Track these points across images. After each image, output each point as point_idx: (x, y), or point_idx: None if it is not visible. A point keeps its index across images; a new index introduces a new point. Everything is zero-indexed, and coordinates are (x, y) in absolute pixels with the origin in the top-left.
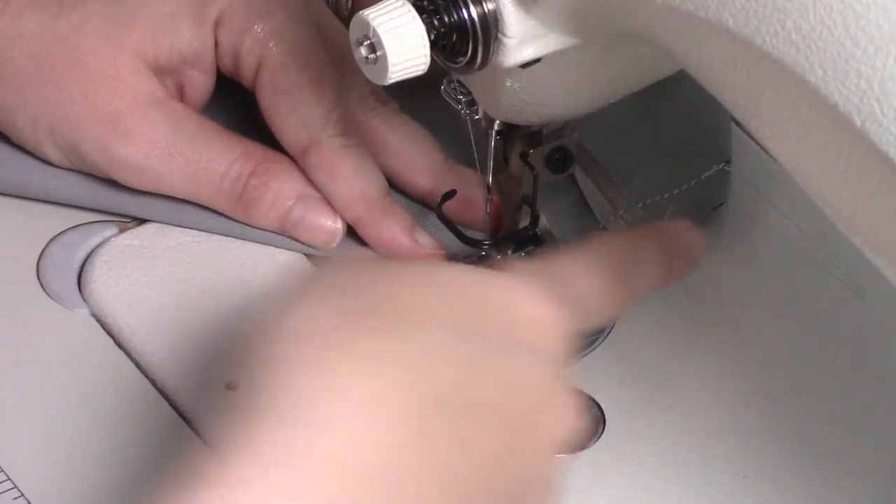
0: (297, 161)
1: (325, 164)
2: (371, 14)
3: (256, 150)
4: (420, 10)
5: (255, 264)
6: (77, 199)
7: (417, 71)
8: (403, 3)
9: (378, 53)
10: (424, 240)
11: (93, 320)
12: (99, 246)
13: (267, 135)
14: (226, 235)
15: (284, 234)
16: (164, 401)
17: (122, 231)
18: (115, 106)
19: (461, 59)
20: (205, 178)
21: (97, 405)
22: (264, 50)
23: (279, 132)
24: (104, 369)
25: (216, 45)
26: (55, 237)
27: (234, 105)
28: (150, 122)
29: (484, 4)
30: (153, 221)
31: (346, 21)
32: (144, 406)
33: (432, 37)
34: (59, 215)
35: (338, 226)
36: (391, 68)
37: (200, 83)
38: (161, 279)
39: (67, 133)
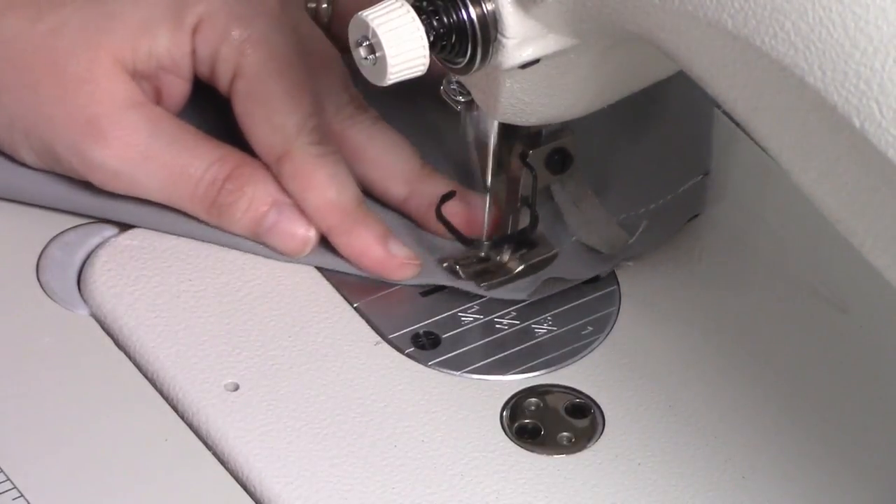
0: (271, 169)
1: (298, 173)
2: (370, 15)
3: (233, 155)
4: (419, 10)
5: (254, 264)
6: (65, 204)
7: (417, 72)
8: (402, 4)
9: (377, 54)
10: (398, 249)
11: (93, 320)
12: (99, 246)
13: (243, 142)
14: (202, 241)
15: (257, 241)
16: (164, 401)
17: (122, 231)
18: (92, 110)
19: (460, 59)
20: (180, 183)
21: (97, 405)
22: (241, 58)
23: (253, 140)
24: (104, 369)
25: (193, 52)
26: (55, 237)
27: (211, 111)
28: (128, 125)
29: (483, 5)
30: None
31: (326, 28)
32: (144, 406)
33: (431, 38)
34: (59, 215)
35: (310, 234)
36: (390, 69)
37: (177, 89)
38: (161, 279)
39: (45, 136)
